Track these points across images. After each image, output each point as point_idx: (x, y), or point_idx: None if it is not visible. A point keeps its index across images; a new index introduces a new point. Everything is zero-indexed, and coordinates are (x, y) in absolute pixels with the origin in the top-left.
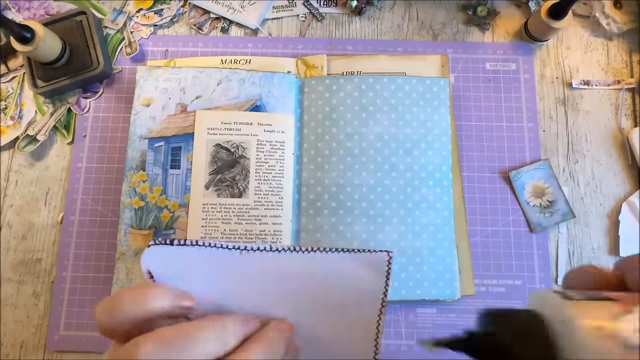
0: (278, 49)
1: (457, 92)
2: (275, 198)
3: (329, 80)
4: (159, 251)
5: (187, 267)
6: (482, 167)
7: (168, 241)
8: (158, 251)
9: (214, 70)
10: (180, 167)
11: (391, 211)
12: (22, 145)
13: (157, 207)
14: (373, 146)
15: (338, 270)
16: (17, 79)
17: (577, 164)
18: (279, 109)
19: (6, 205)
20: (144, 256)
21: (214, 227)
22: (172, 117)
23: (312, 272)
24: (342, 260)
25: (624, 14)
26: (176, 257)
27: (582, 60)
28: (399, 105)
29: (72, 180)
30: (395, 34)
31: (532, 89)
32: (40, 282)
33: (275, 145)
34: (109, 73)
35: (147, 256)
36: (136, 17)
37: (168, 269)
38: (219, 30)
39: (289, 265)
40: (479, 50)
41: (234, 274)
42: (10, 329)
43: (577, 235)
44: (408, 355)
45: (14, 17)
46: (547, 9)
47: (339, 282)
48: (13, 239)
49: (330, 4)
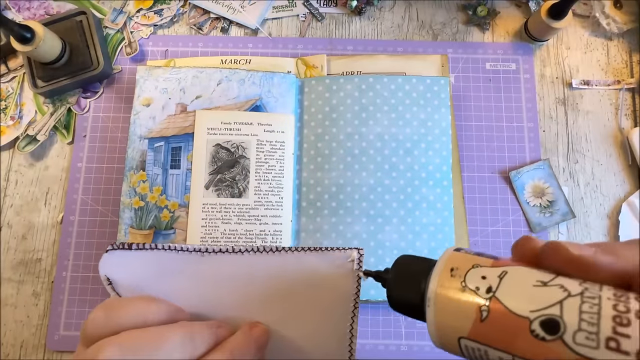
0: (278, 49)
1: (457, 92)
2: (275, 198)
3: (329, 80)
4: (118, 256)
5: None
6: (482, 167)
7: (126, 245)
8: (117, 256)
9: (214, 70)
10: (180, 167)
11: (391, 211)
12: (22, 145)
13: (157, 207)
14: (373, 146)
15: (307, 271)
16: (17, 79)
17: (577, 164)
18: (279, 109)
19: (6, 205)
20: (102, 262)
21: (214, 227)
22: (172, 117)
23: (281, 274)
24: (310, 259)
25: (624, 13)
26: (136, 262)
27: (582, 60)
28: (399, 105)
29: (72, 180)
30: (395, 34)
31: (532, 89)
32: (40, 282)
33: (275, 145)
34: (109, 73)
35: (106, 262)
36: (136, 17)
37: (128, 275)
38: (219, 30)
39: (259, 267)
40: (479, 50)
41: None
42: (10, 329)
43: (577, 235)
44: (408, 355)
45: (14, 17)
46: (547, 9)
47: (307, 283)
48: (13, 239)
49: (330, 4)
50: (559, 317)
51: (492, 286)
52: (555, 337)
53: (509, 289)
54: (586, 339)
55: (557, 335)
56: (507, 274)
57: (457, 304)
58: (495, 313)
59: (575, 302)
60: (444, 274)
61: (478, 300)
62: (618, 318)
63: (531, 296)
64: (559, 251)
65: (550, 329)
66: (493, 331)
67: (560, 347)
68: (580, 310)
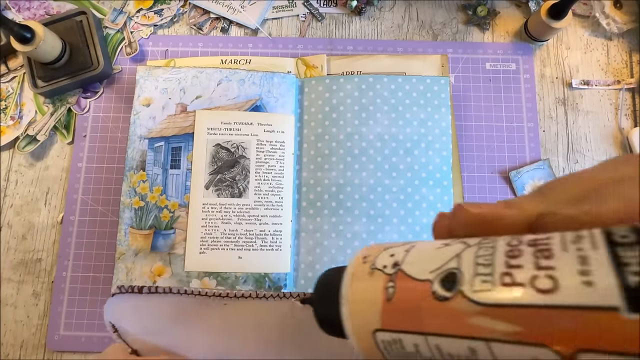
0: (278, 49)
1: (457, 92)
2: (275, 198)
3: (328, 80)
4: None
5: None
6: (482, 167)
7: (136, 289)
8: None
9: (214, 70)
10: (180, 167)
11: (391, 211)
12: (22, 145)
13: (157, 207)
14: (373, 146)
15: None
16: (17, 79)
17: (577, 164)
18: (279, 109)
19: (6, 205)
20: (107, 307)
21: (214, 227)
22: (172, 117)
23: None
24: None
25: (624, 13)
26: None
27: (582, 60)
28: (399, 105)
29: (72, 180)
30: (395, 34)
31: (532, 89)
32: (40, 282)
33: (275, 145)
34: (109, 73)
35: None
36: (136, 17)
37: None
38: (219, 30)
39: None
40: (479, 50)
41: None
42: (10, 329)
43: None
44: None
45: (14, 17)
46: (547, 9)
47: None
48: (13, 239)
49: (330, 4)
50: (456, 268)
51: (398, 260)
52: (455, 292)
53: (413, 258)
54: (483, 282)
55: (457, 289)
56: (415, 247)
57: (366, 289)
58: (400, 287)
59: (472, 250)
60: (356, 265)
61: (384, 277)
62: (510, 252)
63: (432, 257)
64: (460, 213)
65: (449, 285)
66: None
67: (461, 303)
68: (476, 255)
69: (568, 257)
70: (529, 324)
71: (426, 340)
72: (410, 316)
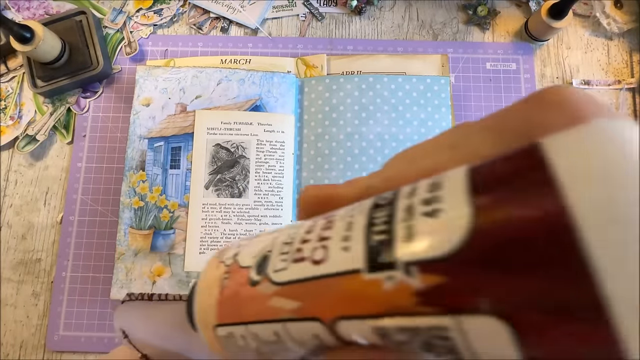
0: (278, 48)
1: (458, 92)
2: (275, 198)
3: (328, 80)
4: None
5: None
6: None
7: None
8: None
9: (214, 70)
10: (180, 167)
11: None
12: (21, 145)
13: (157, 207)
14: (373, 146)
15: None
16: (16, 79)
17: None
18: (279, 108)
19: (6, 205)
20: (117, 313)
21: (214, 227)
22: (171, 117)
23: None
24: None
25: (624, 13)
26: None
27: (582, 60)
28: (399, 105)
29: (71, 180)
30: (395, 33)
31: (533, 88)
32: (40, 282)
33: (275, 145)
34: (108, 73)
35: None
36: (136, 16)
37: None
38: (218, 30)
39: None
40: (479, 50)
41: None
42: (10, 329)
43: None
44: None
45: (14, 17)
46: (547, 9)
47: None
48: (13, 239)
49: (330, 3)
50: (270, 251)
51: (239, 251)
52: (262, 276)
53: (249, 246)
54: (282, 261)
55: (264, 273)
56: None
57: (208, 280)
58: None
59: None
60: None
61: (223, 268)
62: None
63: (260, 242)
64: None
65: (261, 269)
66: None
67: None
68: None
69: (340, 225)
70: (306, 297)
71: (247, 330)
72: (233, 306)
